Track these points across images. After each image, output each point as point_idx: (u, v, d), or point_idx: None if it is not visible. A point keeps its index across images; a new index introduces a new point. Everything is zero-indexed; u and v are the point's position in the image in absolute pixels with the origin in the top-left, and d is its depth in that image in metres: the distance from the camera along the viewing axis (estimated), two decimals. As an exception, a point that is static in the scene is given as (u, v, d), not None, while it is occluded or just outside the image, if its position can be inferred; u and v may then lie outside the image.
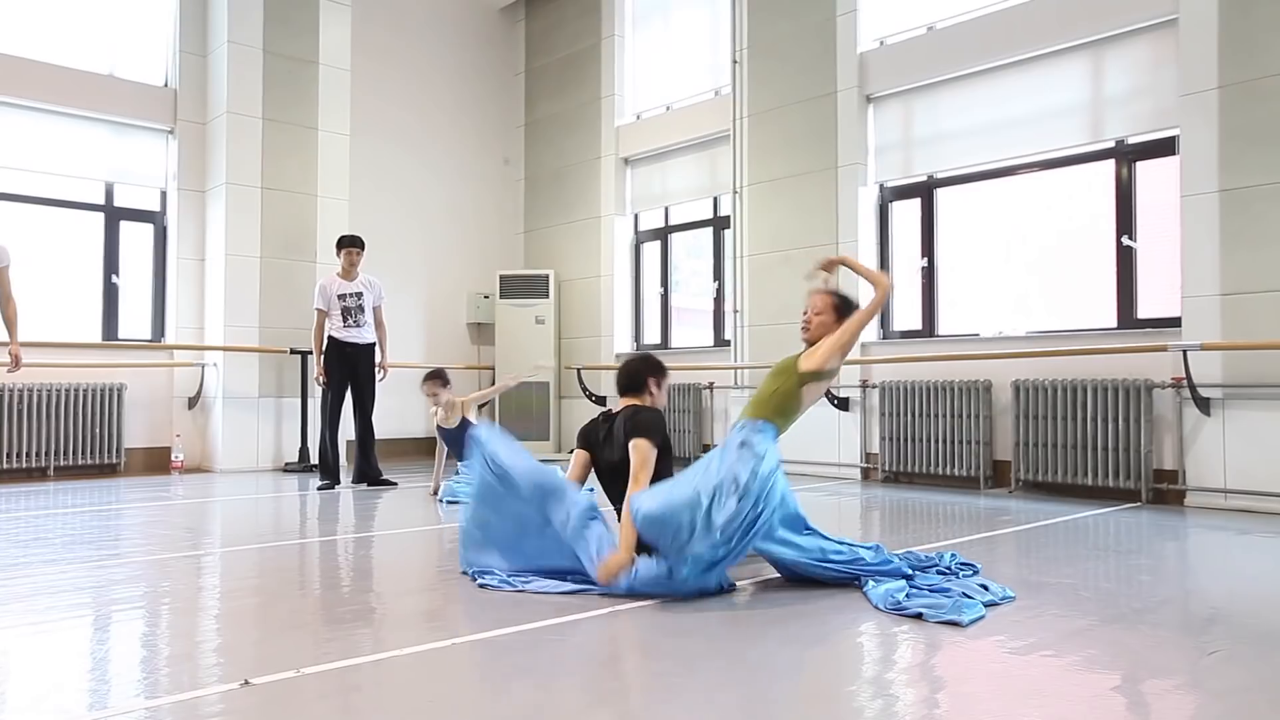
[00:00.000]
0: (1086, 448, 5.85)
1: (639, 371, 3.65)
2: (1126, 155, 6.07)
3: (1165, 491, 5.62)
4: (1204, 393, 5.41)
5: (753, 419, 3.30)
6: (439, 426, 6.19)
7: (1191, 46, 5.53)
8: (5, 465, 7.10)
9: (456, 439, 6.01)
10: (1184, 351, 5.38)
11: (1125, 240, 6.04)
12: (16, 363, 5.49)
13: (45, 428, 7.28)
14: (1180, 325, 5.57)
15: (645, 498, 3.09)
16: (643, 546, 3.14)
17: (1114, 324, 6.07)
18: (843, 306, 3.48)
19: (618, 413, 3.62)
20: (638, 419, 3.44)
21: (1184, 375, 5.41)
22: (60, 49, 7.67)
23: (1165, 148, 5.86)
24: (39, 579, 3.51)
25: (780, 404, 3.32)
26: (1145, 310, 5.98)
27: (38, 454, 7.25)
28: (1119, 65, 6.08)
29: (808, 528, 3.32)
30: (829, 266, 3.69)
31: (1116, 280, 6.07)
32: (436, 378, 6.19)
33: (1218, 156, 5.41)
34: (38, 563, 3.84)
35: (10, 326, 5.56)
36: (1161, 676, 2.30)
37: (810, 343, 3.46)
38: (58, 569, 3.71)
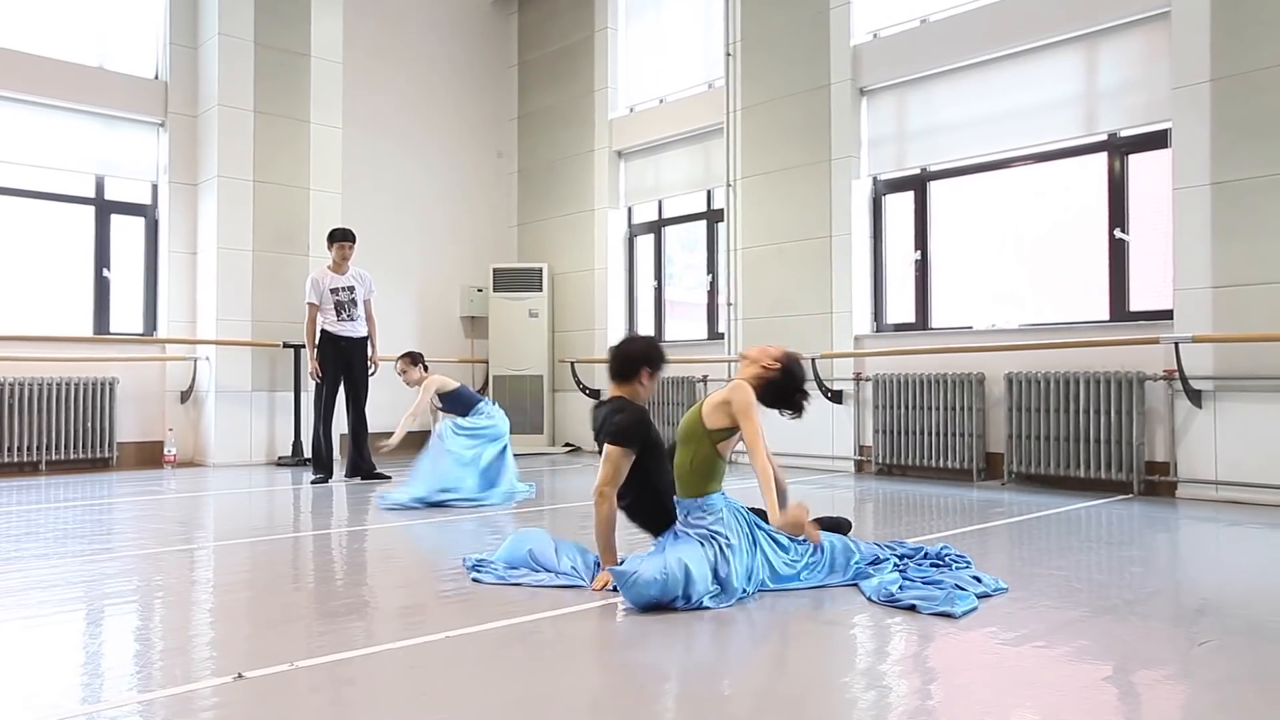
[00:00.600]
0: (1079, 440, 5.88)
1: (633, 359, 3.42)
2: (1119, 148, 6.08)
3: (1157, 483, 5.65)
4: (1195, 385, 5.43)
5: (690, 499, 3.14)
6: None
7: (1184, 39, 5.54)
8: (-4, 460, 7.09)
9: (443, 408, 6.30)
10: (1176, 344, 5.40)
11: (1118, 233, 6.05)
12: None
13: (37, 422, 7.25)
14: (1172, 318, 5.59)
15: (635, 568, 2.91)
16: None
17: (1106, 316, 6.09)
18: (784, 374, 3.23)
19: (605, 402, 3.49)
20: (614, 421, 3.28)
21: (1176, 368, 5.43)
22: (49, 41, 7.62)
23: (1158, 140, 5.87)
24: (31, 573, 3.50)
25: (703, 469, 3.15)
26: (1137, 303, 5.99)
27: (29, 448, 7.22)
28: (1112, 58, 6.08)
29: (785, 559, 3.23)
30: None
31: (1109, 273, 6.09)
32: (406, 356, 6.40)
33: (1210, 149, 5.42)
34: (29, 557, 3.83)
35: None
36: (1152, 667, 2.31)
37: (743, 360, 3.32)
38: (50, 563, 3.70)
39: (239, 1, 8.03)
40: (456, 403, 6.18)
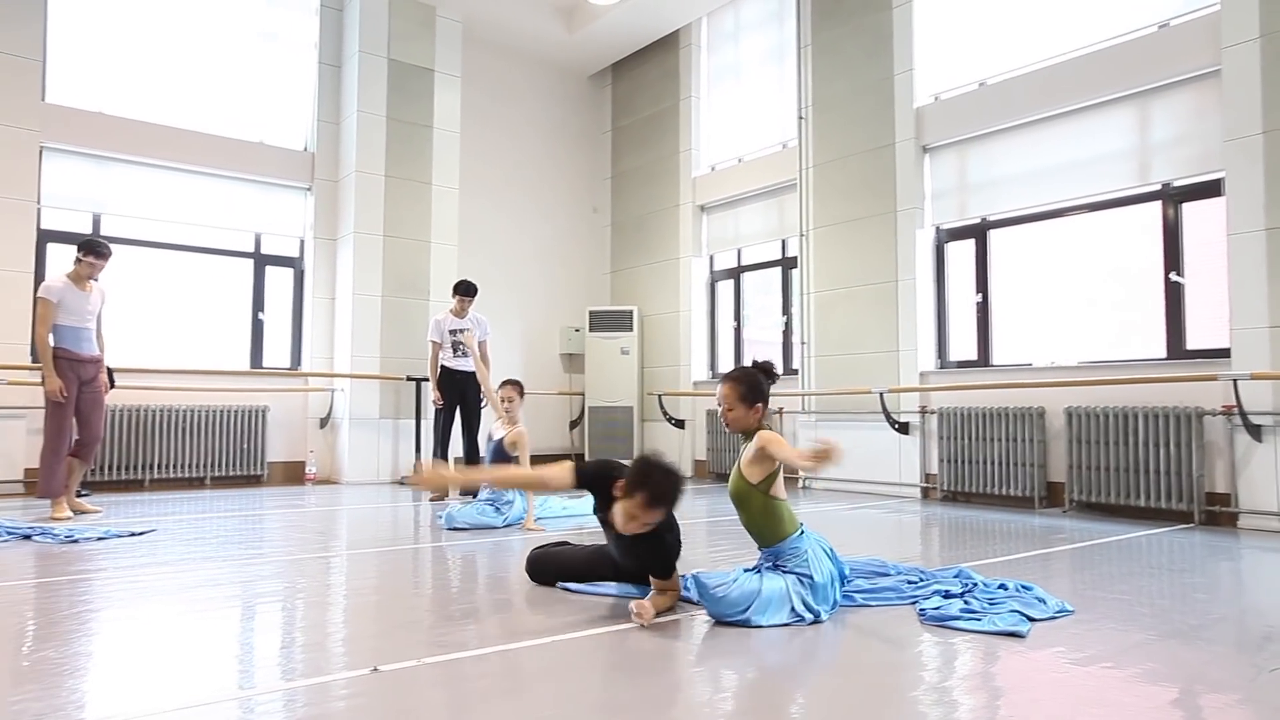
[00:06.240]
0: (1138, 471, 5.59)
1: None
2: (1173, 197, 5.83)
3: (1218, 514, 5.32)
4: (1255, 420, 5.11)
5: (776, 546, 2.97)
6: (497, 441, 5.42)
7: (1235, 95, 5.30)
8: (171, 475, 7.47)
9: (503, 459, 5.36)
10: (1234, 380, 5.10)
11: (1173, 276, 5.78)
12: (110, 383, 5.77)
13: (202, 443, 7.64)
14: (1229, 355, 5.29)
15: (723, 582, 2.85)
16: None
17: (1164, 355, 5.80)
18: (749, 394, 3.02)
19: None
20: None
21: (1234, 403, 5.12)
22: (220, 123, 8.14)
23: (1211, 189, 5.61)
24: (200, 573, 3.67)
25: (768, 518, 2.96)
26: (1194, 342, 5.70)
27: (196, 465, 7.61)
28: (1164, 114, 5.85)
29: (843, 577, 3.11)
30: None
31: (1165, 313, 5.81)
32: (518, 385, 5.59)
33: (1264, 197, 5.15)
34: (198, 559, 4.02)
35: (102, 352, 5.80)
36: (1220, 691, 2.16)
37: (732, 430, 3.08)
38: (214, 565, 3.87)
39: (374, 83, 8.43)
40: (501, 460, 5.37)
